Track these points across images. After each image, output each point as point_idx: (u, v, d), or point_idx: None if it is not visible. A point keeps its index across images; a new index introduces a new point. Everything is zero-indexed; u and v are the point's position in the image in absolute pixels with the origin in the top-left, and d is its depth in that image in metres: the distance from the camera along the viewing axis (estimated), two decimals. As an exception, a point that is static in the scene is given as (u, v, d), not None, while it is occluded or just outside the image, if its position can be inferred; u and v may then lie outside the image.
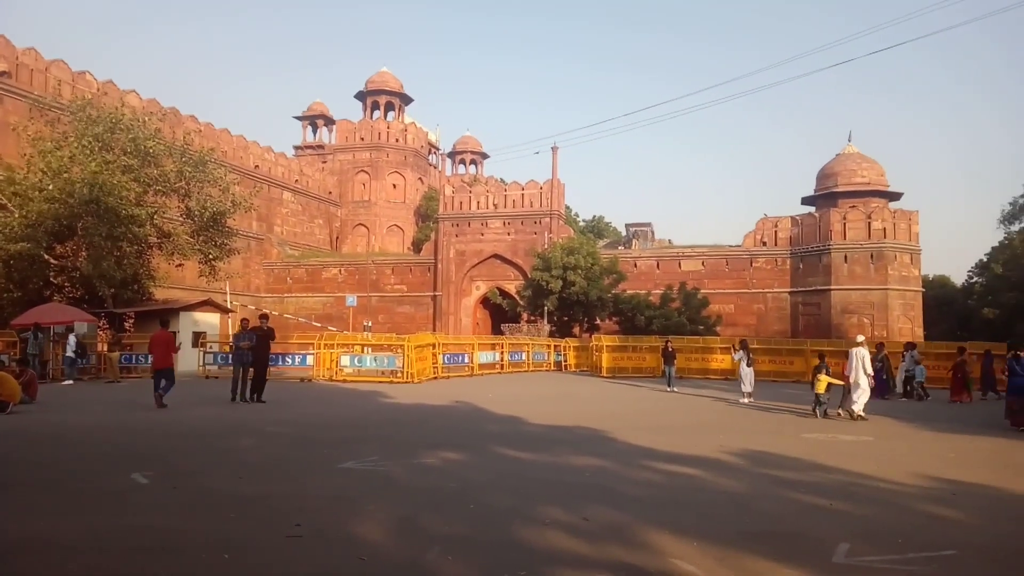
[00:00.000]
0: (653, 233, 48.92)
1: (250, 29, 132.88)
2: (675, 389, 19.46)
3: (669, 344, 21.23)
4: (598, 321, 35.90)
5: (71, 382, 19.09)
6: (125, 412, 12.95)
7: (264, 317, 15.24)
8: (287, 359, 22.60)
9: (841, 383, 13.75)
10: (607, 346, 26.48)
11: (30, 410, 12.55)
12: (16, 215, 21.77)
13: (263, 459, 8.21)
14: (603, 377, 25.07)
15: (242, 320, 16.32)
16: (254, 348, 14.42)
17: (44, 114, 25.18)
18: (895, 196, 42.08)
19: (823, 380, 13.54)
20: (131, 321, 24.54)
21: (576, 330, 36.10)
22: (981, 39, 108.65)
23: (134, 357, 22.14)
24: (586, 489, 6.69)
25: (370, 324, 40.53)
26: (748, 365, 16.57)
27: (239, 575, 4.12)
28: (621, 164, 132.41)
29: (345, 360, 22.04)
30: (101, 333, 22.80)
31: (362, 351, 23.19)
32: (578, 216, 61.67)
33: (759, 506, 6.19)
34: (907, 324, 36.69)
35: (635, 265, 41.67)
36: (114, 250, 23.04)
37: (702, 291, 36.83)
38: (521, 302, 38.72)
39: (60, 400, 14.75)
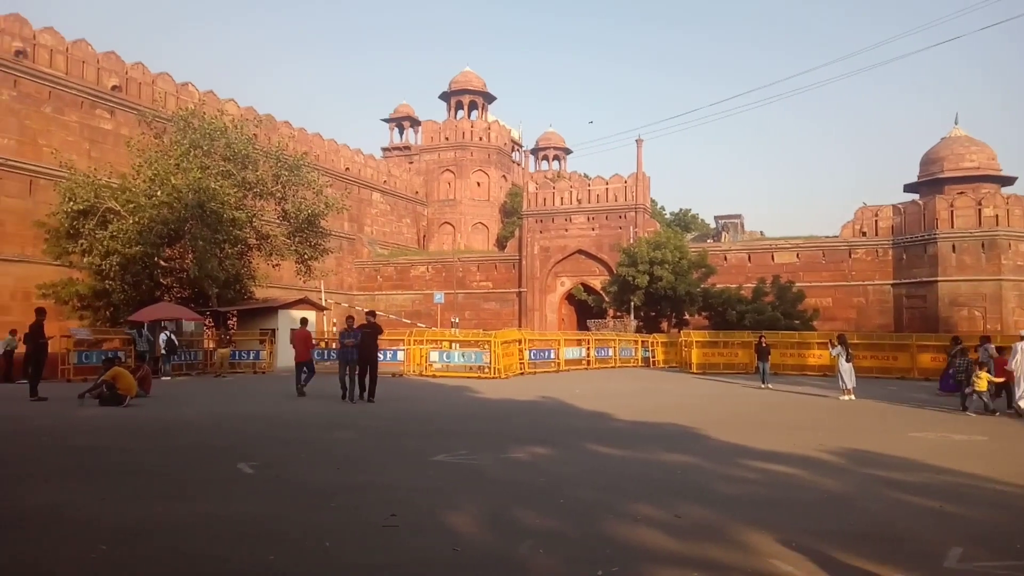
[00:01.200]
0: (743, 225, 47.54)
1: (339, 36, 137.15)
2: (770, 386, 18.87)
3: (763, 339, 20.59)
4: (687, 316, 35.20)
5: (168, 378, 20.08)
6: (232, 405, 13.65)
7: (371, 314, 14.72)
8: (379, 354, 23.19)
9: (1000, 380, 13.22)
10: (697, 342, 25.93)
11: (145, 403, 13.38)
12: (130, 221, 23.23)
13: (359, 451, 8.47)
14: (693, 373, 24.57)
15: (347, 317, 15.80)
16: (359, 345, 13.92)
17: (151, 125, 26.78)
18: (1008, 181, 39.33)
19: (983, 377, 12.97)
20: (234, 319, 25.80)
21: (664, 326, 35.52)
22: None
23: (238, 353, 23.25)
24: (677, 486, 6.58)
25: (457, 320, 41.16)
26: (847, 361, 15.88)
27: (339, 562, 4.26)
28: (709, 155, 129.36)
29: (434, 356, 22.46)
30: (208, 330, 24.08)
31: (450, 347, 23.57)
32: (664, 209, 60.61)
33: (863, 506, 5.92)
34: (1024, 317, 34.26)
35: (725, 258, 40.59)
36: (217, 252, 24.24)
37: (797, 284, 35.49)
38: (606, 298, 38.41)
39: (172, 394, 15.65)
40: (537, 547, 4.54)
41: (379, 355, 22.47)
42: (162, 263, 25.11)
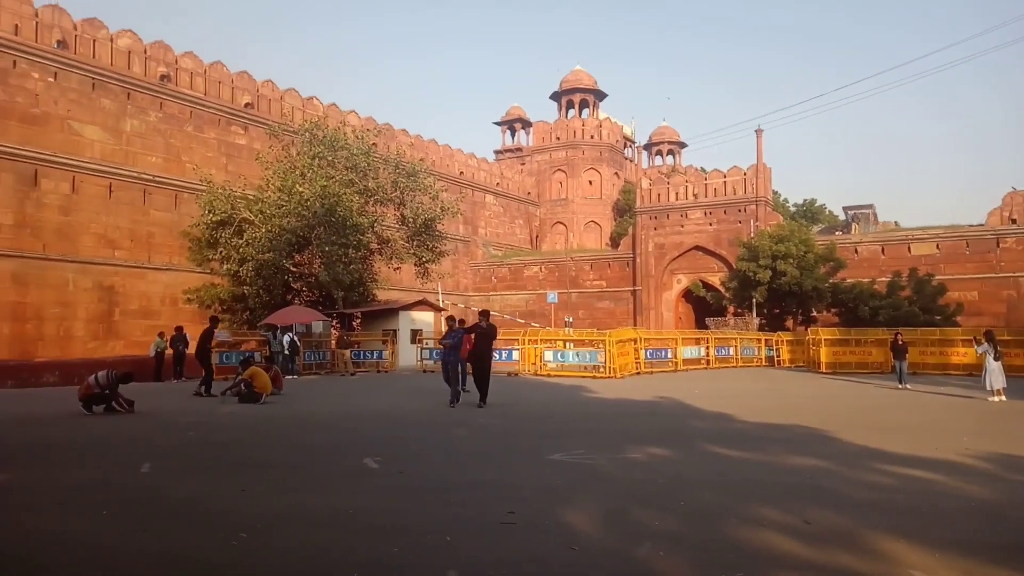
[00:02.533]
0: (875, 215, 44.79)
1: (453, 43, 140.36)
2: (907, 386, 17.65)
3: (899, 336, 19.28)
4: (814, 313, 33.56)
5: (297, 377, 21.16)
6: (357, 403, 14.24)
7: (484, 315, 14.09)
8: (495, 354, 23.50)
9: None
10: (826, 339, 24.62)
11: (279, 400, 14.19)
12: (262, 230, 24.75)
13: (477, 449, 8.62)
14: (822, 373, 23.37)
15: (448, 318, 15.18)
16: (473, 348, 13.12)
17: (280, 138, 28.50)
18: None
19: None
20: (358, 320, 26.95)
21: (789, 323, 34.02)
22: None
23: (361, 353, 24.24)
24: (805, 490, 6.26)
25: (571, 320, 41.13)
26: (996, 359, 14.59)
27: (460, 556, 4.35)
28: (835, 143, 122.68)
29: (548, 355, 22.52)
30: (335, 332, 25.29)
31: (564, 346, 23.56)
32: (787, 201, 58.04)
33: (1016, 517, 5.42)
34: None
35: (855, 251, 38.38)
36: (342, 257, 25.42)
37: (937, 277, 33.04)
38: (726, 295, 37.23)
39: (303, 392, 16.52)
40: (657, 549, 4.45)
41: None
42: (292, 268, 26.57)
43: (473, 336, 13.18)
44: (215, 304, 26.56)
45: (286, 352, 21.44)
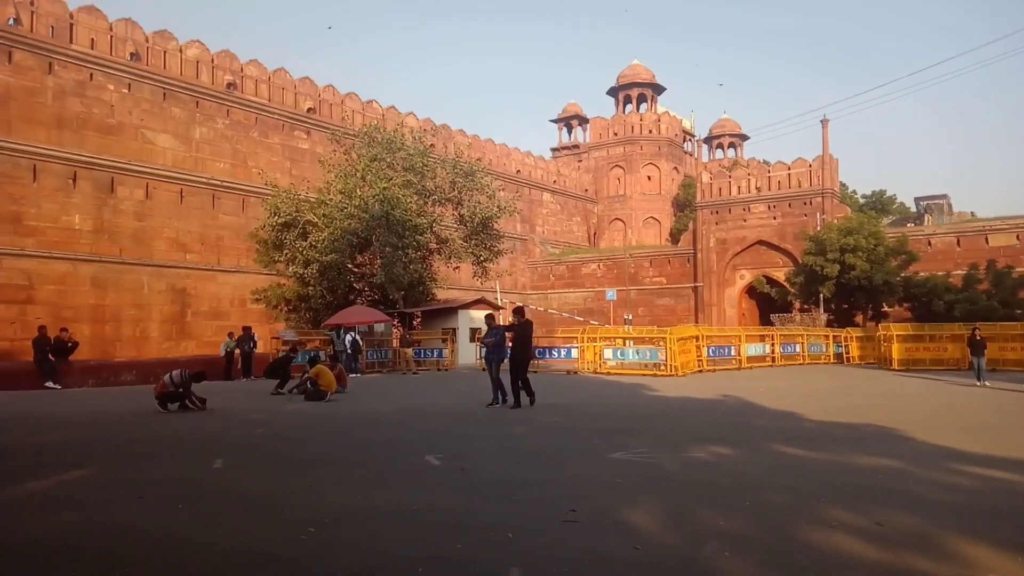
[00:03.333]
0: (950, 206, 43.00)
1: (509, 43, 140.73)
2: (986, 383, 16.88)
3: (977, 332, 18.45)
4: (885, 308, 32.40)
5: (357, 375, 21.52)
6: (419, 400, 14.43)
7: (518, 311, 13.42)
8: (553, 352, 23.54)
9: None
10: (898, 335, 23.76)
11: (343, 398, 14.50)
12: (325, 232, 25.32)
13: (537, 447, 8.62)
14: (893, 370, 22.56)
15: (486, 316, 14.43)
16: (512, 346, 12.48)
17: (341, 142, 29.08)
18: None
19: None
20: (418, 319, 27.31)
21: (859, 319, 32.94)
22: None
23: (422, 352, 24.55)
24: (877, 491, 6.05)
25: (630, 317, 40.77)
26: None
27: (523, 553, 4.36)
28: (906, 132, 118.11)
29: (608, 353, 22.37)
30: (396, 331, 25.69)
31: (624, 344, 23.37)
32: (855, 193, 56.21)
33: (1111, 523, 5.11)
34: None
35: (929, 243, 36.91)
36: (402, 257, 25.80)
37: (1017, 269, 31.47)
38: (792, 290, 36.29)
39: (366, 390, 16.84)
40: (722, 549, 4.37)
41: (550, 353, 23.21)
42: (354, 269, 27.09)
43: (512, 335, 12.53)
44: (280, 304, 27.30)
45: (349, 351, 21.86)
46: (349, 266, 26.50)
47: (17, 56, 25.42)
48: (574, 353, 22.75)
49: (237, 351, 21.82)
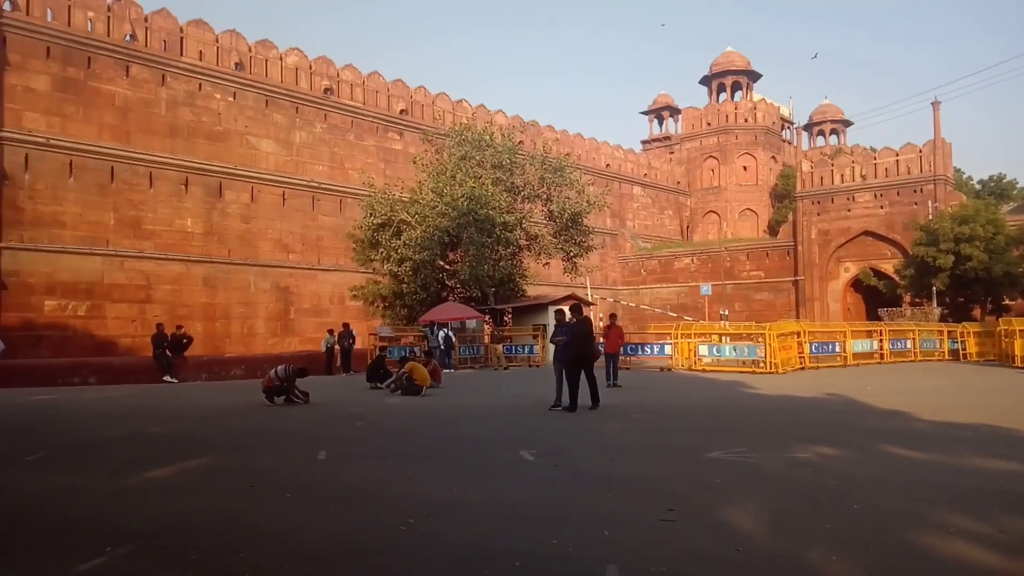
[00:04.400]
0: (1078, 189, 39.59)
1: (598, 35, 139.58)
2: (1124, 382, 15.48)
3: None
4: (1006, 301, 30.23)
5: (450, 370, 21.81)
6: (510, 395, 14.55)
7: (576, 309, 12.63)
8: (646, 348, 23.20)
9: None
10: (1020, 330, 22.10)
11: (438, 393, 14.78)
12: (418, 230, 25.88)
13: (631, 443, 8.53)
14: (1016, 368, 21.01)
15: (557, 311, 13.48)
16: (570, 345, 11.58)
17: (432, 142, 29.59)
18: None
19: None
20: (509, 316, 27.51)
21: (976, 312, 30.89)
22: None
23: (513, 348, 24.73)
24: (998, 496, 5.65)
25: (727, 313, 39.68)
26: None
27: (620, 551, 4.32)
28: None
29: (703, 349, 21.85)
30: (487, 327, 25.99)
31: (720, 340, 22.77)
32: (971, 179, 52.64)
33: None
34: None
35: (1054, 231, 34.13)
36: (491, 254, 26.03)
37: None
38: (901, 283, 34.45)
39: (460, 385, 17.12)
40: (829, 554, 4.19)
41: (643, 349, 22.89)
42: (445, 266, 27.58)
43: (574, 334, 11.60)
44: (376, 301, 28.11)
45: (442, 347, 22.27)
46: (440, 263, 26.97)
47: (134, 70, 27.21)
48: (667, 350, 22.34)
49: (337, 347, 22.63)
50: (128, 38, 27.35)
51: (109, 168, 26.12)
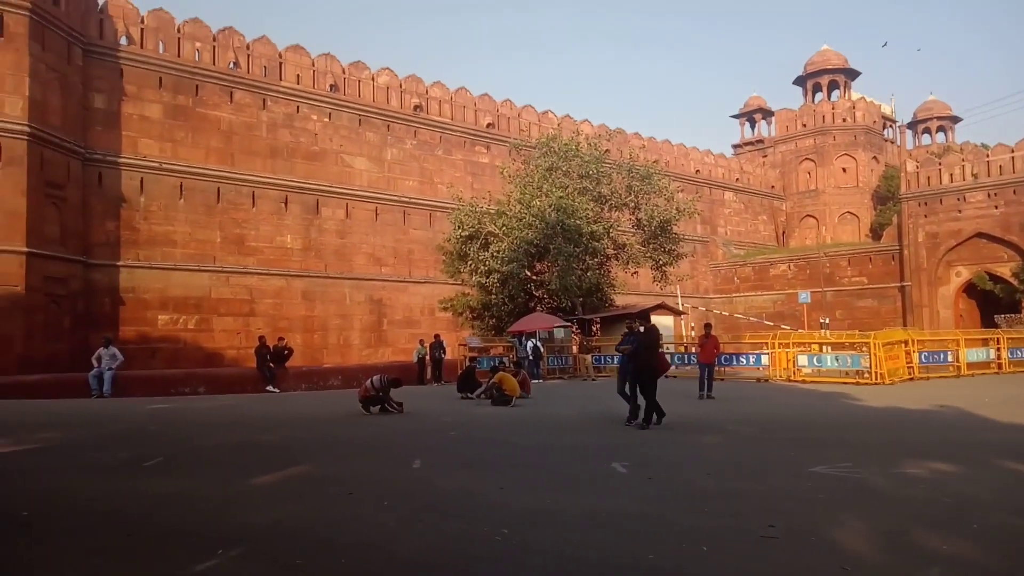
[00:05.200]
0: None
1: (684, 39, 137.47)
2: None
3: None
4: None
5: (538, 381, 21.78)
6: (600, 406, 14.42)
7: (643, 316, 12.40)
8: (741, 359, 22.54)
9: None
10: None
11: (527, 403, 14.82)
12: (506, 242, 26.12)
13: (728, 457, 8.29)
14: None
15: (627, 321, 12.75)
16: (635, 354, 10.99)
17: (519, 153, 29.80)
18: None
19: None
20: (597, 326, 27.31)
21: (1107, 318, 28.42)
22: None
23: (603, 358, 24.53)
24: None
25: (827, 321, 38.02)
26: None
27: (718, 567, 4.20)
28: None
29: (803, 360, 21.02)
30: (575, 337, 25.89)
31: (820, 350, 21.85)
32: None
33: None
34: None
35: None
36: (579, 264, 25.94)
37: None
38: (1020, 286, 32.12)
39: (548, 396, 17.11)
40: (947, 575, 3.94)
41: (737, 359, 22.21)
42: (533, 277, 27.68)
43: (637, 346, 11.02)
44: (465, 312, 28.51)
45: (531, 357, 22.33)
46: (528, 274, 27.09)
47: (237, 95, 28.72)
48: (764, 360, 21.61)
49: (428, 357, 23.08)
50: (232, 65, 28.92)
51: (215, 189, 27.62)
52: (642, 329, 11.44)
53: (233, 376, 21.73)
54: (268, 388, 19.87)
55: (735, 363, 22.09)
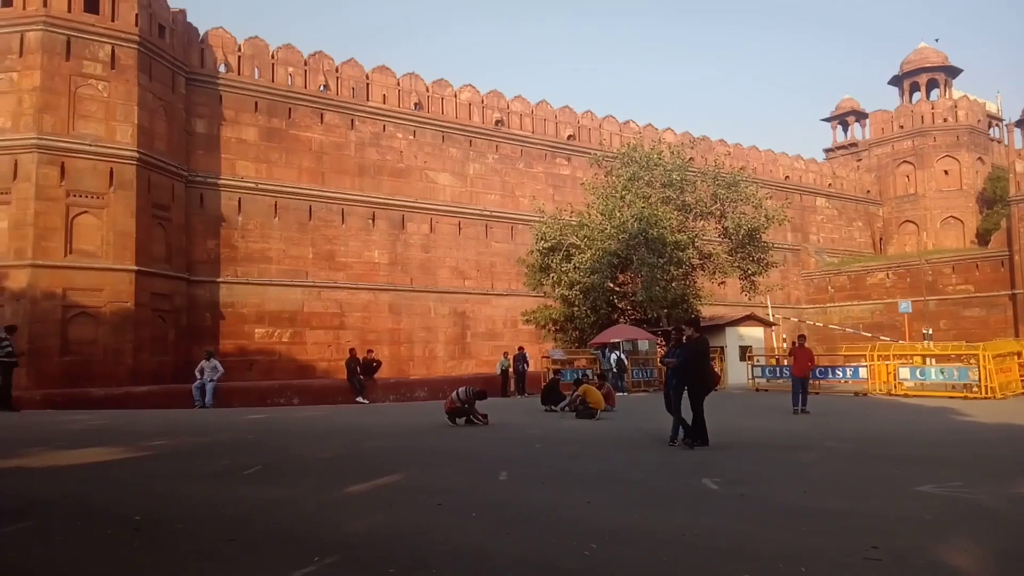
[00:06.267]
0: None
1: (770, 43, 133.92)
2: None
3: None
4: None
5: (623, 393, 21.50)
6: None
7: (692, 323, 11.17)
8: (836, 372, 21.65)
9: None
10: None
11: (612, 417, 14.66)
12: (588, 253, 26.00)
13: (825, 474, 7.96)
14: None
15: (675, 329, 11.90)
16: (682, 368, 10.20)
17: (600, 164, 29.68)
18: None
19: None
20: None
21: None
22: None
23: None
24: None
25: (930, 331, 36.00)
26: None
27: (817, 591, 4.03)
28: None
29: (904, 372, 20.00)
30: (660, 349, 25.46)
31: (924, 362, 20.72)
32: None
33: None
34: None
35: None
36: (663, 275, 25.53)
37: None
38: None
39: (634, 408, 16.88)
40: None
41: (833, 372, 21.32)
42: (615, 288, 27.41)
43: (684, 359, 10.16)
44: (548, 324, 28.50)
45: (615, 369, 22.09)
46: (611, 286, 26.85)
47: (327, 116, 29.83)
48: (862, 372, 20.67)
49: (511, 369, 23.19)
50: (322, 88, 30.07)
51: (307, 207, 28.72)
52: (695, 338, 10.25)
53: (325, 387, 22.45)
54: (358, 399, 20.42)
55: (830, 376, 21.25)
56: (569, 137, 36.99)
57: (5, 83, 21.53)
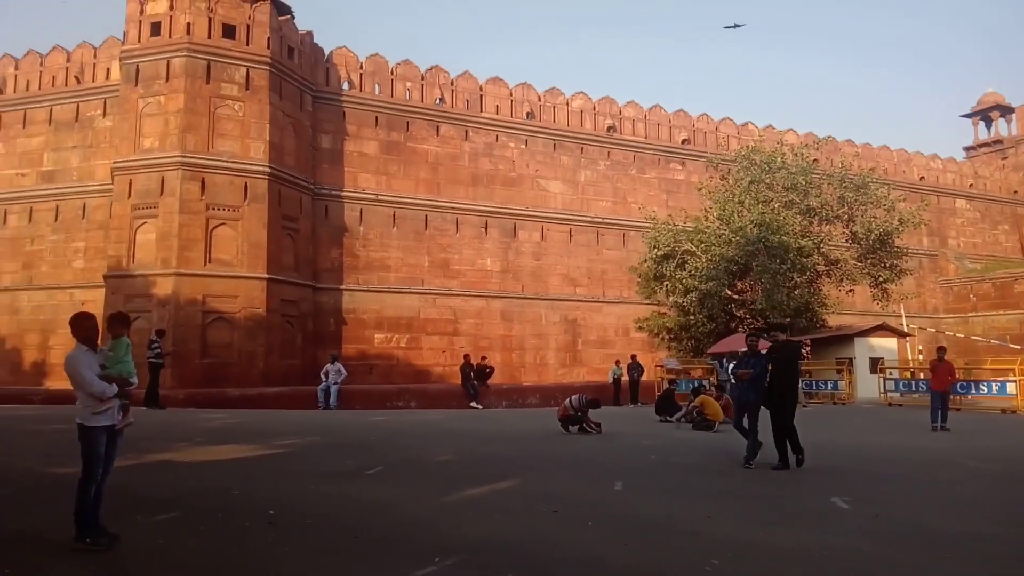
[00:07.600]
0: None
1: (902, 37, 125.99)
2: None
3: None
4: None
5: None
6: (813, 435, 13.40)
7: (780, 328, 9.98)
8: (980, 387, 20.00)
9: None
10: None
11: (731, 429, 14.14)
12: (703, 259, 25.32)
13: (968, 496, 7.38)
14: None
15: (748, 336, 10.96)
16: (758, 380, 9.36)
17: (717, 168, 28.84)
18: None
19: None
20: (808, 347, 25.50)
21: None
22: None
23: (815, 383, 22.90)
24: None
25: (1090, 344, 32.62)
26: None
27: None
28: None
29: (1059, 388, 18.20)
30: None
31: (1083, 377, 18.79)
32: None
33: None
34: None
35: None
36: (785, 282, 24.47)
37: None
38: None
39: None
40: None
41: (976, 387, 19.61)
42: (733, 296, 26.53)
43: (761, 371, 9.23)
44: (662, 333, 27.96)
45: (732, 381, 21.35)
46: (728, 293, 26.02)
47: (443, 128, 30.65)
48: (1010, 388, 18.98)
49: (624, 378, 22.90)
50: (438, 101, 30.94)
51: (423, 217, 29.59)
52: (780, 345, 9.32)
53: (440, 392, 23.01)
54: (472, 404, 20.79)
55: (974, 391, 19.65)
56: (684, 141, 36.22)
57: (153, 106, 23.49)
